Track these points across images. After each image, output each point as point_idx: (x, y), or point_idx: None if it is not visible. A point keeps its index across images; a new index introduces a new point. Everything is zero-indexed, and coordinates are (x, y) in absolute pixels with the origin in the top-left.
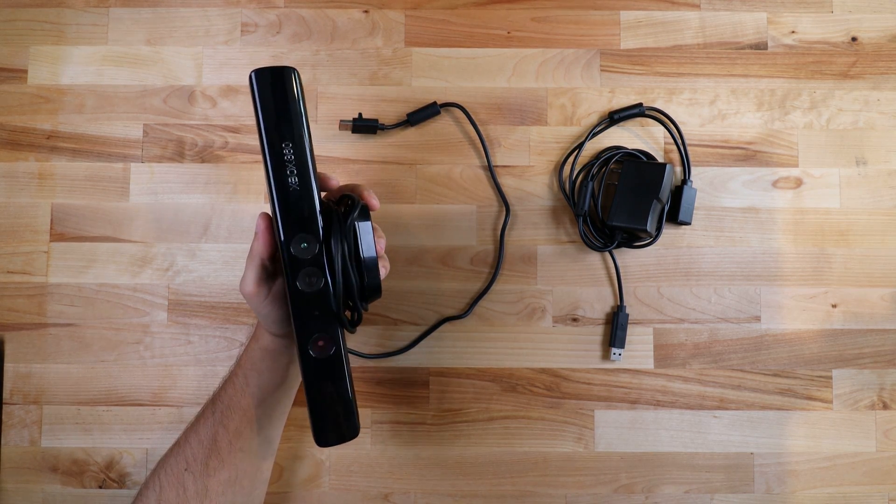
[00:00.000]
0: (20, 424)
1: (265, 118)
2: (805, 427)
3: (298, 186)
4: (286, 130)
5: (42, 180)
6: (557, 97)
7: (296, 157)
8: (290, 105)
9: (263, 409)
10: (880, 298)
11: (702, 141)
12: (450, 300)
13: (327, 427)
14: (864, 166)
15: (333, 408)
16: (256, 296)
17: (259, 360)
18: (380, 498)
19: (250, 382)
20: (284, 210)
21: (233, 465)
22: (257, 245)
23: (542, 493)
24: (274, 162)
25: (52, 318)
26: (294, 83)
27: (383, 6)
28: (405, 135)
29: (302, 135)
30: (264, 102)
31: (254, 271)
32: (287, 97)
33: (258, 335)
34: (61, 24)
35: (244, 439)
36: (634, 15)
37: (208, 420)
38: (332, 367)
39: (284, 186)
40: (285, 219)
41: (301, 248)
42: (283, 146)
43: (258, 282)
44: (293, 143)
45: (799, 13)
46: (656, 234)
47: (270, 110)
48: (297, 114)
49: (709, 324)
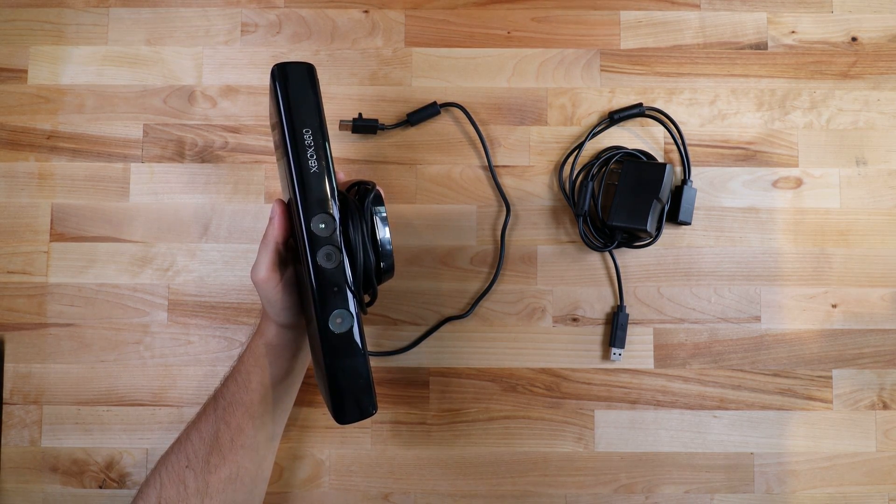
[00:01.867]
0: (20, 424)
1: (286, 107)
2: (805, 427)
3: (317, 169)
4: (307, 118)
5: (42, 180)
6: (557, 97)
7: (314, 143)
8: (309, 96)
9: (266, 405)
10: (880, 298)
11: (702, 141)
12: (450, 300)
13: (348, 403)
14: (864, 166)
15: (354, 384)
16: (269, 282)
17: (262, 356)
18: (380, 498)
19: (253, 379)
20: (305, 191)
21: (234, 462)
22: (272, 230)
23: (542, 493)
24: (295, 146)
25: (52, 318)
26: (312, 76)
27: (383, 6)
28: (405, 135)
29: (321, 123)
30: (285, 93)
31: (268, 256)
32: (307, 89)
33: (262, 330)
34: (61, 24)
35: (246, 436)
36: (634, 15)
37: (210, 417)
38: (352, 343)
39: (306, 168)
40: (306, 199)
41: (320, 228)
42: (304, 132)
43: (272, 267)
44: (312, 130)
45: (799, 13)
46: (656, 234)
47: (291, 100)
48: (315, 104)
49: (709, 324)
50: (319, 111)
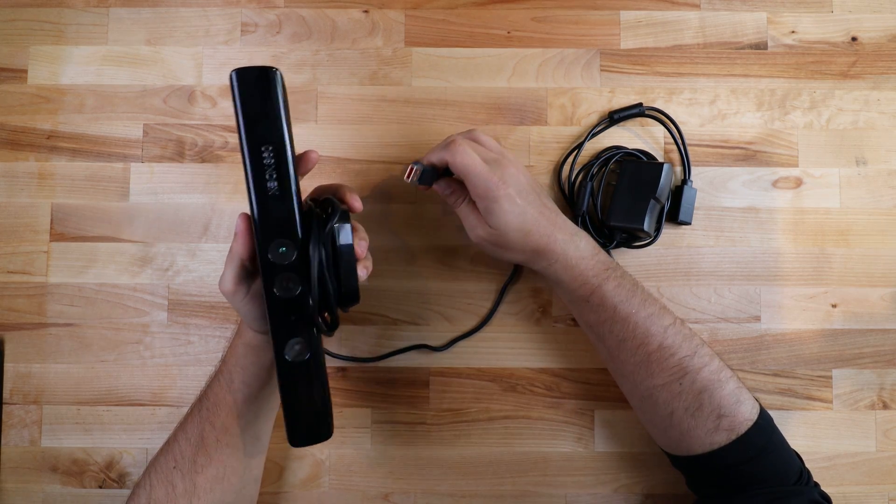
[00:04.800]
0: (20, 424)
1: (245, 120)
2: (805, 427)
3: (278, 191)
4: (267, 133)
5: (42, 180)
6: (557, 97)
7: (276, 161)
8: (271, 107)
9: (249, 405)
10: (880, 298)
11: (702, 141)
12: (450, 300)
13: (301, 428)
14: (864, 166)
15: (308, 410)
16: (235, 294)
17: (243, 357)
18: (380, 498)
19: (235, 379)
20: (263, 215)
21: (220, 462)
22: (237, 246)
23: (542, 493)
24: (253, 166)
25: (52, 318)
26: (276, 84)
27: (383, 6)
28: (405, 134)
29: (283, 138)
30: (244, 103)
31: (233, 271)
32: (269, 98)
33: (241, 332)
34: (61, 24)
35: (231, 435)
36: (634, 15)
37: (195, 418)
38: (307, 371)
39: (263, 191)
40: (263, 223)
41: (279, 254)
42: (263, 149)
43: (237, 281)
44: (273, 146)
45: (799, 13)
46: (656, 234)
47: (251, 112)
48: (277, 116)
49: (709, 324)
50: (283, 124)
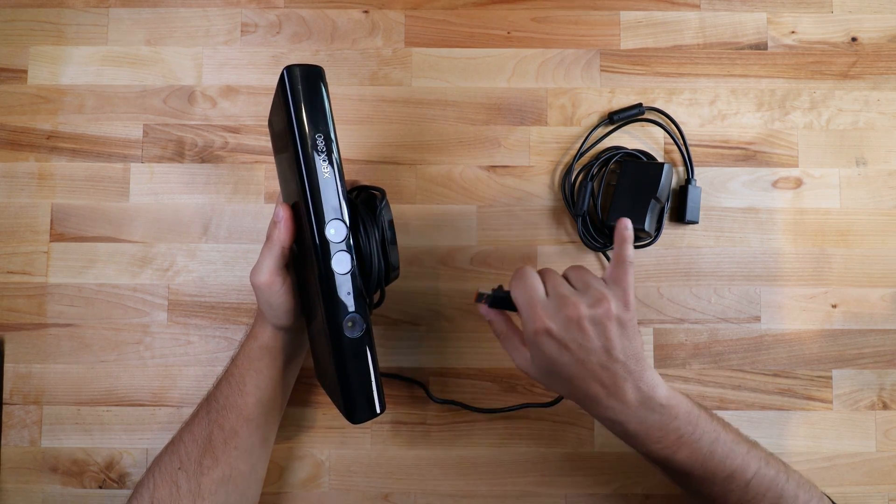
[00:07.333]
0: (20, 424)
1: (297, 111)
2: (805, 427)
3: (329, 175)
4: (318, 122)
5: (42, 180)
6: (557, 97)
7: (326, 148)
8: (320, 100)
9: (260, 408)
10: (880, 298)
11: (702, 141)
12: (450, 300)
13: (359, 404)
14: (864, 166)
15: (365, 385)
16: (272, 285)
17: (257, 359)
18: (380, 498)
19: (247, 382)
20: (318, 196)
21: (227, 464)
22: (279, 234)
23: (542, 493)
24: (308, 151)
25: (52, 318)
26: (322, 79)
27: (383, 6)
28: (405, 134)
29: (331, 127)
30: (296, 96)
31: (273, 260)
32: (318, 92)
33: (257, 333)
34: (61, 25)
35: (240, 438)
36: (634, 15)
37: (203, 419)
38: (364, 346)
39: (319, 174)
40: (319, 205)
41: (332, 233)
42: (316, 137)
43: (276, 271)
44: (324, 135)
45: (799, 13)
46: (656, 234)
47: (303, 103)
48: (326, 108)
49: (709, 324)
50: (331, 115)
